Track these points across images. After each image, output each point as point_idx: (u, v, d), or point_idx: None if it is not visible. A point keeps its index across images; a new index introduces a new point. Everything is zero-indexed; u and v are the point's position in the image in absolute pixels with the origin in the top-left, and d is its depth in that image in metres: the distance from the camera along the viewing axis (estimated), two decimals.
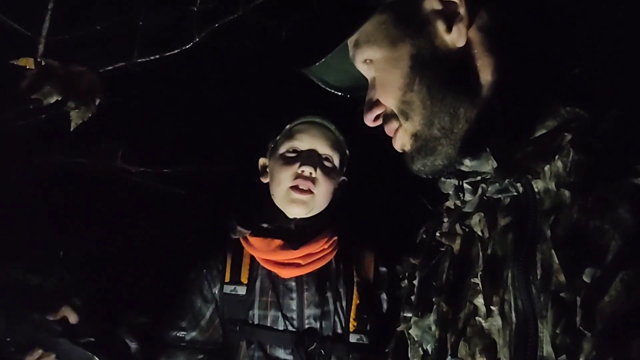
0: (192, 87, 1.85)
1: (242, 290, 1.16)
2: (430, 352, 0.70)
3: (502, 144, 0.61)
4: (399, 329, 0.80)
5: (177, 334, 1.16)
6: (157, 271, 1.73)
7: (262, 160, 1.26)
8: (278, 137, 1.19)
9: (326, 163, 1.17)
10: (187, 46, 1.37)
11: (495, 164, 0.61)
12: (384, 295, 1.21)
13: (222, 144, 1.87)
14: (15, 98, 1.14)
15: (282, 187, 1.15)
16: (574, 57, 0.60)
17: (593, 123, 0.55)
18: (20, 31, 1.16)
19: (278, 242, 1.15)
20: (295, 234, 1.17)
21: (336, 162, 1.19)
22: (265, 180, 1.23)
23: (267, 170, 1.23)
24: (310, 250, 1.15)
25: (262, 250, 1.16)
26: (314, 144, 1.16)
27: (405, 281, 0.85)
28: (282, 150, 1.18)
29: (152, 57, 1.34)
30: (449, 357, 0.64)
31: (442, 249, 0.75)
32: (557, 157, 0.56)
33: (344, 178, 1.24)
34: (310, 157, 1.15)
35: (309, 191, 1.14)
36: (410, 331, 0.75)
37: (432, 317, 0.70)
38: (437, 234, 0.76)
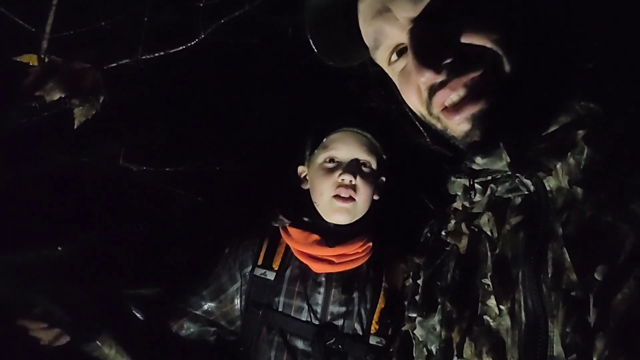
0: (197, 84, 1.85)
1: (271, 276, 1.18)
2: (434, 353, 0.70)
3: (514, 140, 0.60)
4: (403, 328, 0.80)
5: (196, 300, 1.20)
6: (155, 271, 1.72)
7: (300, 168, 1.28)
8: (315, 149, 1.21)
9: (364, 169, 1.19)
10: (193, 42, 1.36)
11: (508, 159, 0.60)
12: None
13: (226, 141, 1.87)
14: (18, 95, 1.13)
15: (324, 197, 1.18)
16: (588, 52, 0.60)
17: (607, 119, 0.54)
18: (24, 27, 1.16)
19: (315, 237, 1.18)
20: (333, 232, 1.20)
21: (374, 166, 1.21)
22: (305, 187, 1.26)
23: (307, 178, 1.26)
24: (344, 251, 1.18)
25: (299, 241, 1.19)
26: (351, 151, 1.18)
27: (410, 280, 0.84)
28: (320, 160, 1.20)
29: (156, 54, 1.34)
30: (455, 357, 0.63)
31: (447, 249, 0.74)
32: (570, 153, 0.56)
33: (382, 178, 1.26)
34: (349, 165, 1.17)
35: (351, 198, 1.16)
36: (414, 331, 0.74)
37: (436, 317, 0.70)
38: (443, 233, 0.75)
